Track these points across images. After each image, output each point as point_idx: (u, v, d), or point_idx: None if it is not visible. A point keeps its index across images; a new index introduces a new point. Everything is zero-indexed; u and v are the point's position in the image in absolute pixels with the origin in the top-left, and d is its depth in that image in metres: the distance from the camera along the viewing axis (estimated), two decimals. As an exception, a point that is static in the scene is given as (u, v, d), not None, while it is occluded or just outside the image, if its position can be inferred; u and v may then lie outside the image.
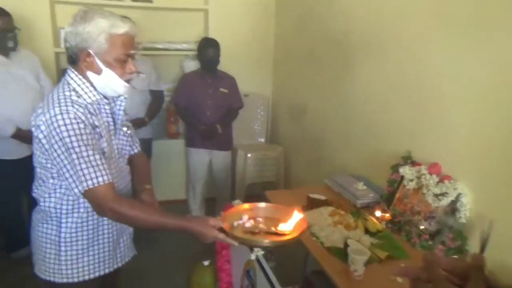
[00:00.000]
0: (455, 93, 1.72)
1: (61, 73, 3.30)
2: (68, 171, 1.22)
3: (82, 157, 1.20)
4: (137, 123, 2.91)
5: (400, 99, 2.06)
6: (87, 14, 1.24)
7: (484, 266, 0.50)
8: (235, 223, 1.31)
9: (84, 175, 1.20)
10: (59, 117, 1.20)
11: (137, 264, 1.67)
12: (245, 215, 1.34)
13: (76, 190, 1.22)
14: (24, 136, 2.49)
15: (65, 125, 1.20)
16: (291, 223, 1.29)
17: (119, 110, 1.42)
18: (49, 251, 1.37)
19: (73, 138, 1.20)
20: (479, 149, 1.61)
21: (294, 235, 1.26)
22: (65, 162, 1.21)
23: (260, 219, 1.36)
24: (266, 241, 1.23)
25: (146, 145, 3.14)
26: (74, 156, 1.20)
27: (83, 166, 1.20)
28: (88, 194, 1.22)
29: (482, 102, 1.59)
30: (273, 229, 1.28)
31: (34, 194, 1.39)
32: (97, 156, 1.23)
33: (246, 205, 1.43)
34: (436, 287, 0.49)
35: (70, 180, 1.22)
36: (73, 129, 1.20)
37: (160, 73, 3.24)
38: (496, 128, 1.53)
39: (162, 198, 3.22)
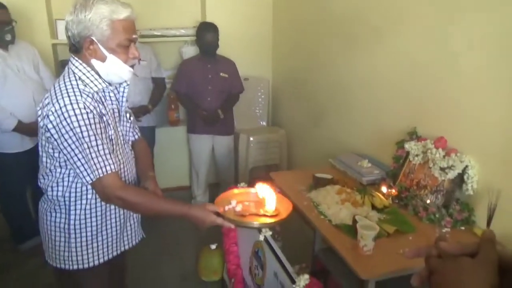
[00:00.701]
0: (458, 65, 1.71)
1: (60, 65, 3.27)
2: (79, 160, 1.23)
3: (92, 146, 1.22)
4: (141, 111, 2.91)
5: (403, 75, 2.05)
6: (87, 1, 1.23)
7: (495, 239, 0.50)
8: (226, 208, 1.40)
9: (94, 164, 1.22)
10: (69, 107, 1.20)
11: (145, 248, 1.70)
12: (234, 199, 1.44)
13: (88, 178, 1.24)
14: (26, 129, 2.49)
15: (76, 115, 1.20)
16: (274, 203, 1.42)
17: (122, 96, 1.43)
18: (58, 239, 1.39)
19: (83, 128, 1.21)
20: (484, 120, 1.61)
21: (283, 216, 1.37)
22: (76, 151, 1.22)
23: (248, 203, 1.47)
24: (255, 223, 1.36)
25: (150, 133, 3.14)
26: (85, 146, 1.21)
27: (93, 155, 1.22)
28: (96, 183, 1.25)
29: (486, 72, 1.58)
30: (261, 211, 1.39)
31: (40, 184, 1.39)
32: (105, 146, 1.25)
33: (236, 191, 1.56)
34: (447, 260, 0.51)
35: (82, 168, 1.23)
36: (83, 119, 1.21)
37: (159, 60, 3.22)
38: (501, 97, 1.53)
39: (166, 185, 3.30)
